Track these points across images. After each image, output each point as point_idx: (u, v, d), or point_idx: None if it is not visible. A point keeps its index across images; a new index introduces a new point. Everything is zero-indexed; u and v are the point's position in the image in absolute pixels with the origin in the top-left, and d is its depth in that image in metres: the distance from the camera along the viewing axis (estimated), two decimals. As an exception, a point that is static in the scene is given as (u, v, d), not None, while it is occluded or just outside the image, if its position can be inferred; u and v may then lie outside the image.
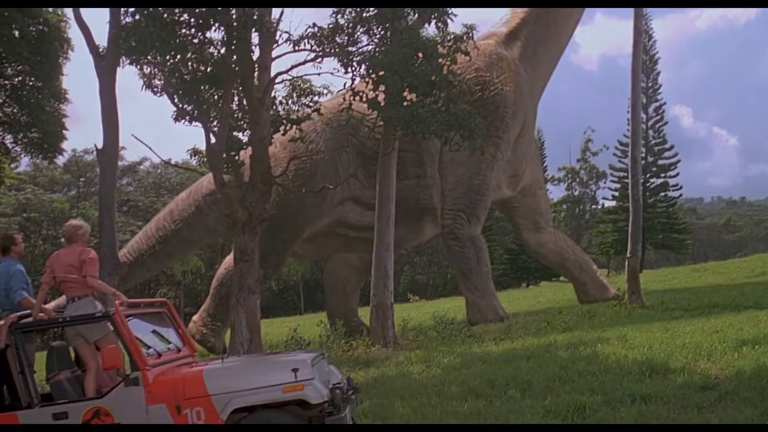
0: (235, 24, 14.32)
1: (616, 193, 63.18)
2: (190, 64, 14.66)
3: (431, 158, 22.19)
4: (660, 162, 60.52)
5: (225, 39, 14.61)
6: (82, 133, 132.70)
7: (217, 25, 14.42)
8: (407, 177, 21.85)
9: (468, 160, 21.28)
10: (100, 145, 15.77)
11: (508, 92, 22.41)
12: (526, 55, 23.63)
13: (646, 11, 46.23)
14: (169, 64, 14.50)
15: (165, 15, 14.03)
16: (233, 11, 14.57)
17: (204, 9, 14.15)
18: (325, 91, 17.39)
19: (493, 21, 25.46)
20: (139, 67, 14.81)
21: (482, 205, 22.16)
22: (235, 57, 14.71)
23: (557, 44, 24.83)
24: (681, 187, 62.54)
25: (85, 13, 16.10)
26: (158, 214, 26.04)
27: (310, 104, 17.53)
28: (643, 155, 56.94)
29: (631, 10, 21.24)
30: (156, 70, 14.87)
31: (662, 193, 60.95)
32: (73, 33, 28.61)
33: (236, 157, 16.37)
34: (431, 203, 22.62)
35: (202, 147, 16.03)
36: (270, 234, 19.57)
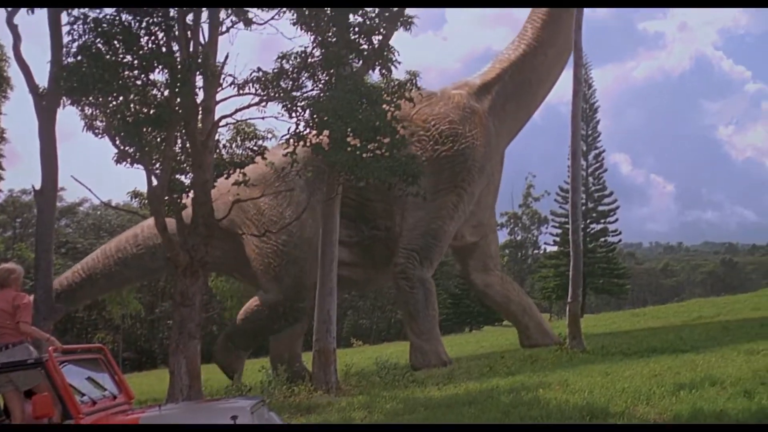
0: (179, 66, 14.29)
1: (558, 239, 64.11)
2: (132, 105, 14.54)
3: (401, 209, 22.35)
4: (600, 208, 61.68)
5: (169, 81, 14.55)
6: (19, 173, 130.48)
7: (160, 67, 14.37)
8: (377, 228, 22.23)
9: (429, 205, 21.54)
10: (38, 186, 15.49)
11: (478, 147, 22.87)
12: (495, 109, 24.11)
13: (585, 61, 47.48)
14: (111, 105, 14.37)
15: (108, 56, 13.95)
16: (177, 54, 14.55)
17: (147, 51, 14.11)
18: (270, 136, 17.40)
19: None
20: (80, 107, 14.65)
21: (437, 250, 22.31)
22: (178, 99, 14.63)
23: (528, 103, 25.42)
24: (620, 233, 63.81)
25: (26, 52, 15.93)
26: (121, 234, 25.56)
27: (254, 148, 17.50)
28: (584, 201, 58.03)
29: (571, 59, 21.70)
30: (97, 111, 14.72)
31: (602, 239, 62.04)
32: (13, 72, 28.26)
33: (178, 200, 16.21)
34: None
35: (144, 189, 15.84)
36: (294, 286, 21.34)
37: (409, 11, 16.63)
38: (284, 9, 16.11)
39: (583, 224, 55.81)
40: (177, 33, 14.81)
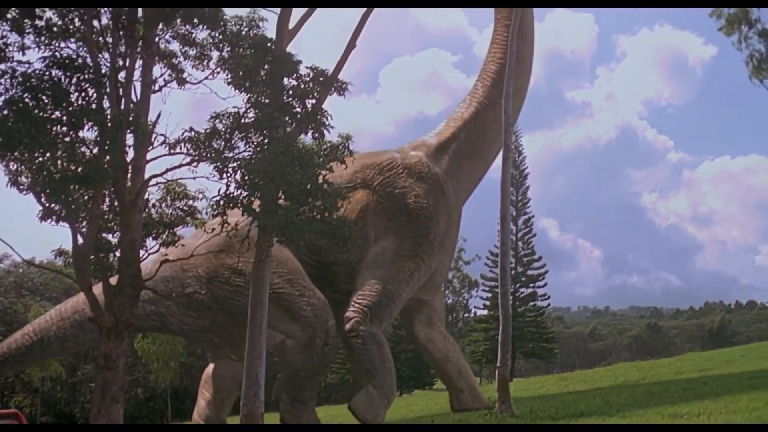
0: (109, 124, 14.15)
1: (488, 302, 64.55)
2: (60, 162, 14.30)
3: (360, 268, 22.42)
4: (529, 272, 62.44)
5: (98, 139, 14.38)
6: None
7: (90, 124, 14.20)
8: (339, 291, 22.16)
9: (388, 267, 21.94)
10: (-44, 243, 15.02)
11: (440, 221, 23.23)
12: (453, 169, 24.45)
13: (515, 128, 48.49)
14: (37, 161, 14.10)
15: (36, 111, 13.74)
16: (108, 111, 14.42)
17: (77, 107, 13.94)
18: (200, 196, 17.25)
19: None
20: (4, 163, 14.34)
21: (389, 311, 22.30)
22: (108, 158, 14.45)
23: (483, 160, 25.79)
24: (549, 297, 64.58)
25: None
26: (77, 295, 24.51)
27: (185, 208, 17.31)
28: (513, 266, 58.75)
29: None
30: (23, 167, 14.43)
31: (531, 303, 62.68)
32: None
33: (105, 260, 15.90)
34: None
35: (69, 247, 15.46)
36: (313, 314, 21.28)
37: (342, 77, 16.88)
38: (218, 69, 16.19)
39: (512, 288, 56.39)
40: (108, 90, 14.72)
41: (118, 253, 15.77)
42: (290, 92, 16.03)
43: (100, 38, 15.19)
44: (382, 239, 22.61)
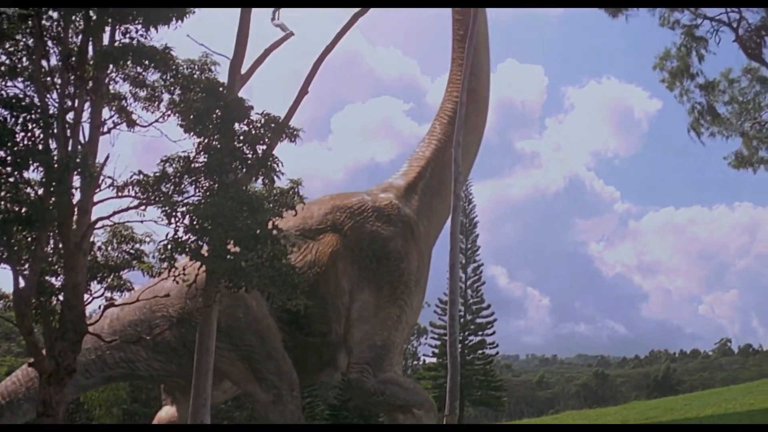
0: (56, 165, 13.93)
1: (436, 350, 64.48)
2: (3, 203, 14.00)
3: (338, 316, 22.16)
4: (478, 320, 62.66)
5: (44, 180, 14.14)
6: None
7: (36, 165, 13.96)
8: (312, 334, 21.83)
9: (374, 319, 21.79)
10: None
11: (412, 261, 23.05)
12: (423, 209, 24.37)
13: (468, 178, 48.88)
14: (-23, 203, 13.80)
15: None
16: (55, 152, 14.21)
17: (23, 147, 13.70)
18: (148, 240, 17.01)
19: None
20: (-57, 202, 14.00)
21: (388, 360, 22.01)
22: (53, 199, 14.20)
23: (448, 196, 25.64)
24: (497, 345, 64.80)
25: None
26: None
27: (131, 251, 17.05)
28: (462, 314, 58.90)
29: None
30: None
31: (480, 351, 62.80)
32: None
33: (47, 303, 15.53)
34: (334, 358, 22.56)
35: (10, 290, 15.10)
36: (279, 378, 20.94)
37: (294, 123, 16.92)
38: (169, 112, 16.10)
39: (461, 336, 56.47)
40: (56, 131, 14.53)
41: (61, 297, 15.43)
42: (241, 137, 16.00)
43: (49, 78, 15.03)
44: (358, 293, 22.51)
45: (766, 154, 35.37)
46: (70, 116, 14.84)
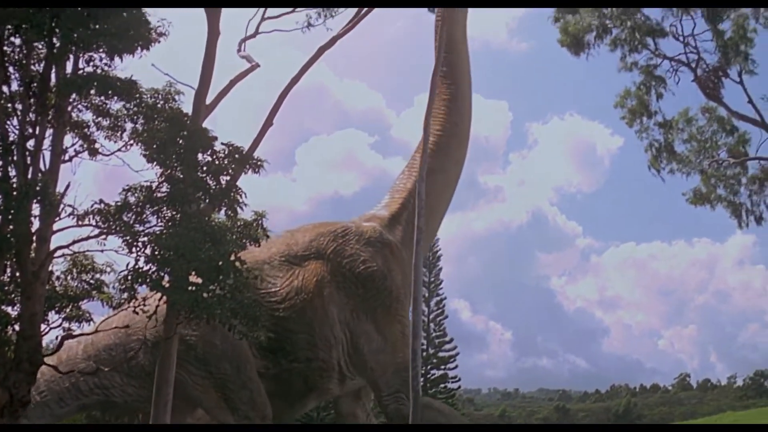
0: (15, 193, 13.79)
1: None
2: (-41, 231, 13.81)
3: (326, 344, 21.98)
4: (440, 354, 62.54)
5: (2, 208, 13.97)
6: None
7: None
8: (297, 360, 21.61)
9: (384, 346, 21.91)
10: None
11: (396, 276, 23.22)
12: (406, 240, 24.36)
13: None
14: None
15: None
16: (14, 179, 14.06)
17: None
18: (108, 270, 16.82)
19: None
20: None
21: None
22: (11, 227, 14.02)
23: (430, 229, 25.84)
24: (460, 379, 64.59)
25: None
26: None
27: (91, 281, 16.85)
28: (425, 347, 58.78)
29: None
30: None
31: (442, 385, 62.58)
32: None
33: (2, 333, 15.24)
34: (320, 383, 22.34)
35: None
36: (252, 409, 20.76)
37: (259, 154, 16.91)
38: (132, 142, 16.01)
39: (423, 370, 56.33)
40: (16, 158, 14.40)
41: (17, 327, 15.16)
42: (205, 168, 15.94)
43: (9, 104, 14.92)
44: (356, 324, 22.50)
45: (724, 192, 36.07)
46: (30, 143, 14.73)
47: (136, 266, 15.37)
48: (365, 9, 22.56)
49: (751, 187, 35.64)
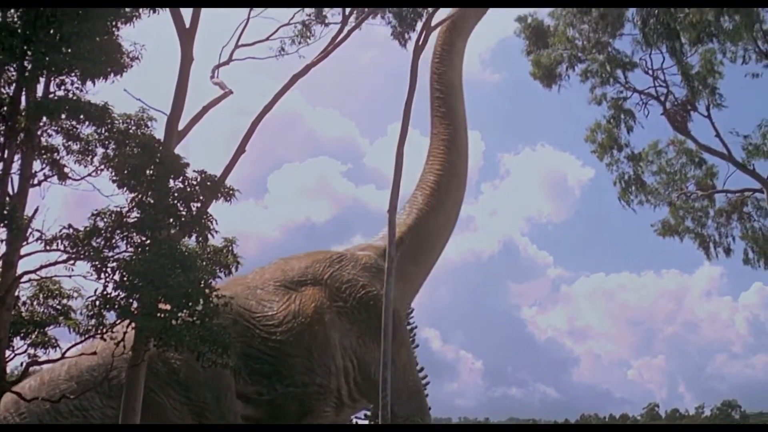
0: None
1: (369, 413, 63.70)
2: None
3: (325, 370, 21.95)
4: (410, 382, 62.31)
5: (-32, 233, 13.80)
6: None
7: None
8: (293, 384, 21.46)
9: (395, 371, 21.91)
10: None
11: (395, 300, 23.20)
12: (400, 272, 24.50)
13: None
14: None
15: None
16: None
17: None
18: (76, 295, 16.61)
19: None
20: None
21: (425, 400, 23.08)
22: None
23: (424, 266, 26.58)
24: (430, 408, 63.99)
25: None
26: None
27: (58, 307, 16.62)
28: (395, 375, 58.55)
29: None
30: None
31: (412, 414, 62.30)
32: None
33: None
34: (316, 407, 22.18)
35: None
36: None
37: (231, 181, 16.86)
38: (102, 167, 15.88)
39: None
40: (-17, 182, 14.25)
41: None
42: (176, 194, 15.84)
43: (-22, 128, 14.78)
44: (363, 352, 22.71)
45: (692, 224, 36.46)
46: (-1, 167, 14.57)
47: (105, 292, 15.20)
48: (339, 38, 22.71)
49: (719, 219, 36.07)
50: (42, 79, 15.33)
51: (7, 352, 15.10)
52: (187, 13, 18.35)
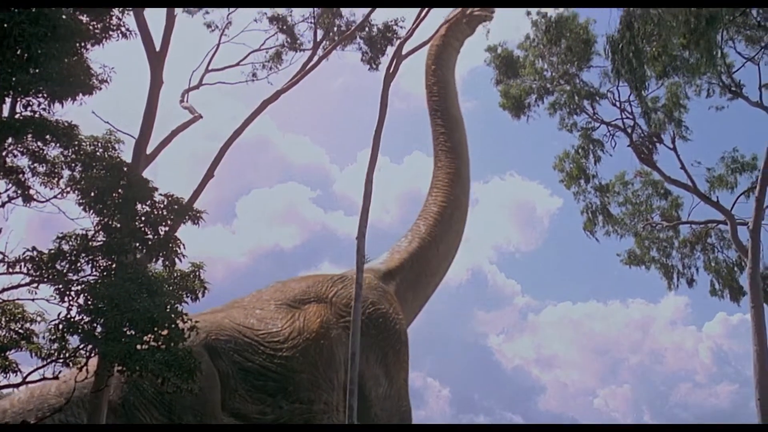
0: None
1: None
2: None
3: (329, 385, 21.68)
4: (377, 410, 61.94)
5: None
6: None
7: None
8: (300, 401, 21.03)
9: (391, 392, 22.22)
10: None
11: (402, 322, 23.68)
12: (399, 296, 24.78)
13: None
14: None
15: None
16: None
17: None
18: (39, 319, 16.33)
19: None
20: None
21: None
22: (-63, 274, 13.59)
23: (424, 292, 26.59)
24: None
25: None
26: None
27: (20, 331, 16.31)
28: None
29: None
30: None
31: (378, 442, 61.89)
32: None
33: None
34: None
35: None
36: None
37: (199, 205, 16.72)
38: (69, 189, 15.70)
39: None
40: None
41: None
42: (143, 218, 15.67)
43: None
44: (363, 367, 22.22)
45: (657, 254, 36.85)
46: (-38, 189, 14.36)
47: (68, 316, 14.95)
48: (310, 64, 22.82)
49: (683, 250, 36.51)
50: (8, 100, 15.16)
51: (-34, 377, 14.80)
52: (157, 36, 18.33)
